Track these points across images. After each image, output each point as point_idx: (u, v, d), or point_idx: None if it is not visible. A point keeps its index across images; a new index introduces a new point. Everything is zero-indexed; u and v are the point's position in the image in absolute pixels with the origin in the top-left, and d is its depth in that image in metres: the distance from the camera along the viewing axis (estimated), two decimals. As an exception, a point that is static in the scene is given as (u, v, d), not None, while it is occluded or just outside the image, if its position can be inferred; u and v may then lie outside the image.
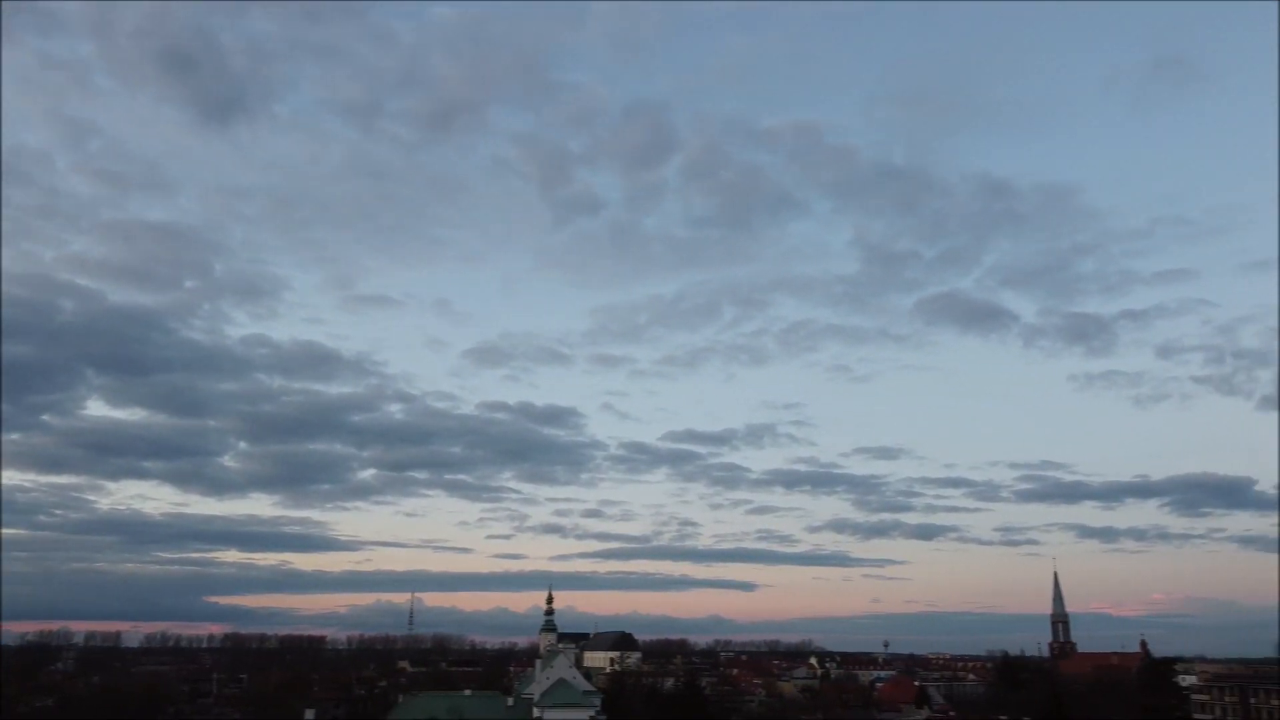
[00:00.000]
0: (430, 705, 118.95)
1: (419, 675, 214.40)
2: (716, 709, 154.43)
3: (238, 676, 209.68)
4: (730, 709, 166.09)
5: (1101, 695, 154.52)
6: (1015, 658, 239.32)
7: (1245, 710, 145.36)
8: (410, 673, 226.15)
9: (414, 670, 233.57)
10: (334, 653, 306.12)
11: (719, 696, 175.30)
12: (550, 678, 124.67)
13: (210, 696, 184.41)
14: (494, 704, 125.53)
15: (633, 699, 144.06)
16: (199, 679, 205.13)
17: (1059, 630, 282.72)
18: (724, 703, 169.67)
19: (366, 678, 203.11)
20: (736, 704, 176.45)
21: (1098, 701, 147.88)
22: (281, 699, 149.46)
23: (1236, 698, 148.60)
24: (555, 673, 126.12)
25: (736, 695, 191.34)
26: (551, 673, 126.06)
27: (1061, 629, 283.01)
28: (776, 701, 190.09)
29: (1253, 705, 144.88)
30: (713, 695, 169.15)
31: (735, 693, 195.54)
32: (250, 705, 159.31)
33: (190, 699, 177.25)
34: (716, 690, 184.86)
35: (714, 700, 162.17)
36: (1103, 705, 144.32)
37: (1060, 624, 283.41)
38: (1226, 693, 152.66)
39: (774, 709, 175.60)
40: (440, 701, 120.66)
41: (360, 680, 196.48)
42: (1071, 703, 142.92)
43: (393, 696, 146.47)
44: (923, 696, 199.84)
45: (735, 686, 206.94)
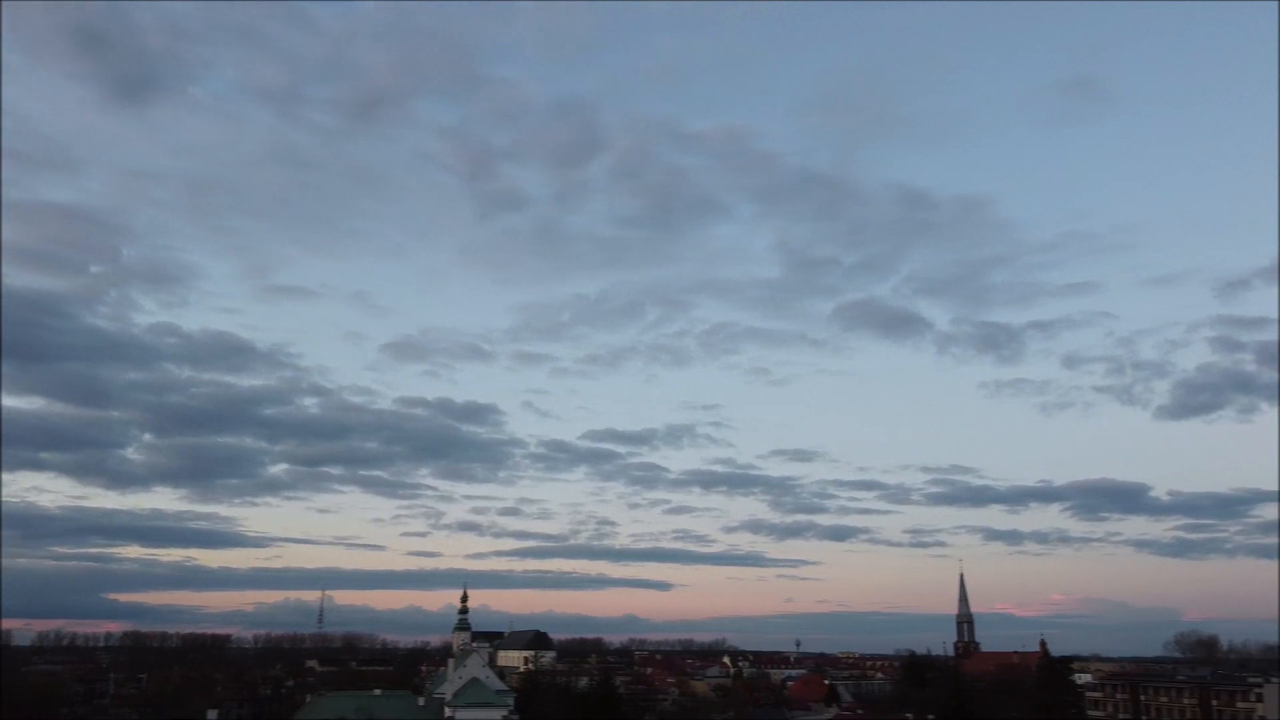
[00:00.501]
0: (339, 705, 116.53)
1: (328, 675, 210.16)
2: (630, 708, 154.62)
3: (137, 676, 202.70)
4: (644, 708, 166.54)
5: (1002, 693, 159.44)
6: (921, 657, 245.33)
7: (1135, 707, 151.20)
8: (319, 672, 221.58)
9: (323, 669, 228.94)
10: (239, 652, 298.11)
11: (633, 696, 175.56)
12: (463, 677, 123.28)
13: (107, 697, 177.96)
14: (405, 704, 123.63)
15: (546, 698, 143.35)
16: (95, 679, 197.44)
17: (964, 630, 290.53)
18: (637, 701, 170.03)
19: (272, 677, 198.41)
20: (650, 703, 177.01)
21: (998, 699, 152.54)
22: (182, 699, 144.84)
23: (1128, 695, 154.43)
24: (468, 672, 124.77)
25: (650, 694, 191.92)
26: (464, 672, 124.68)
27: (966, 629, 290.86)
28: (689, 700, 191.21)
29: (1143, 702, 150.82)
30: (626, 694, 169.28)
31: (649, 691, 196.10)
32: (149, 706, 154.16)
33: (86, 699, 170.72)
34: (630, 689, 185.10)
35: (628, 699, 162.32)
36: (1003, 703, 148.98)
37: (965, 624, 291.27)
38: (1119, 690, 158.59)
39: (686, 708, 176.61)
40: (349, 701, 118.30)
41: (266, 680, 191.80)
42: (974, 701, 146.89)
43: (300, 696, 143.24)
44: (832, 695, 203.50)
45: (649, 685, 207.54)
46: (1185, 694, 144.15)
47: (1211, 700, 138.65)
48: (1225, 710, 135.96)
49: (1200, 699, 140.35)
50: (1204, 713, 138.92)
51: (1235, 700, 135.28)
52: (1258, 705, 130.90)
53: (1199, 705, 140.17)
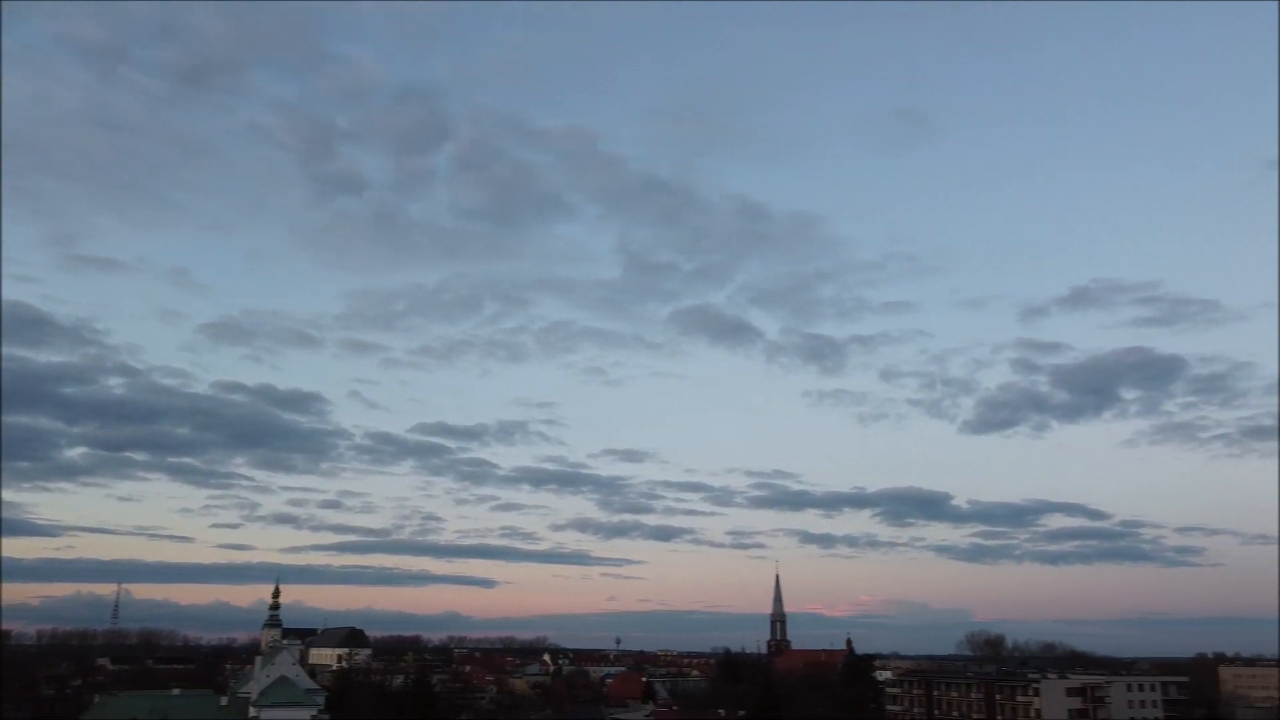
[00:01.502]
0: (131, 705, 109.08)
1: (121, 673, 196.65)
2: (446, 706, 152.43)
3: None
4: (460, 706, 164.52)
5: (810, 690, 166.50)
6: (736, 655, 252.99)
7: (929, 702, 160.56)
8: (110, 671, 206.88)
9: (115, 668, 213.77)
10: (20, 649, 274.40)
11: (450, 694, 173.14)
12: (270, 675, 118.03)
13: None
14: (205, 704, 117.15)
15: (360, 697, 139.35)
16: None
17: (777, 629, 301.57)
18: (454, 700, 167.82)
19: (57, 676, 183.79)
20: (467, 701, 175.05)
21: (806, 695, 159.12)
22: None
23: (923, 691, 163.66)
24: (276, 670, 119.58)
25: (468, 692, 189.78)
26: (272, 670, 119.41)
27: (779, 628, 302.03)
28: (507, 698, 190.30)
29: (935, 697, 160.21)
30: (443, 693, 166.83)
31: (467, 690, 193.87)
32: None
33: None
34: (448, 688, 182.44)
35: (444, 698, 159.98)
36: (810, 699, 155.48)
37: (778, 623, 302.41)
38: (914, 686, 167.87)
39: (504, 706, 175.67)
40: (143, 701, 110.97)
41: (50, 679, 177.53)
42: (784, 697, 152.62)
43: (87, 696, 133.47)
44: (649, 692, 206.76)
45: (467, 684, 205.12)
46: (973, 689, 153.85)
47: (995, 695, 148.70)
48: (1007, 704, 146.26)
49: (986, 694, 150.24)
50: (989, 707, 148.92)
51: (1016, 695, 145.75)
52: (1035, 699, 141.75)
53: (984, 700, 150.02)
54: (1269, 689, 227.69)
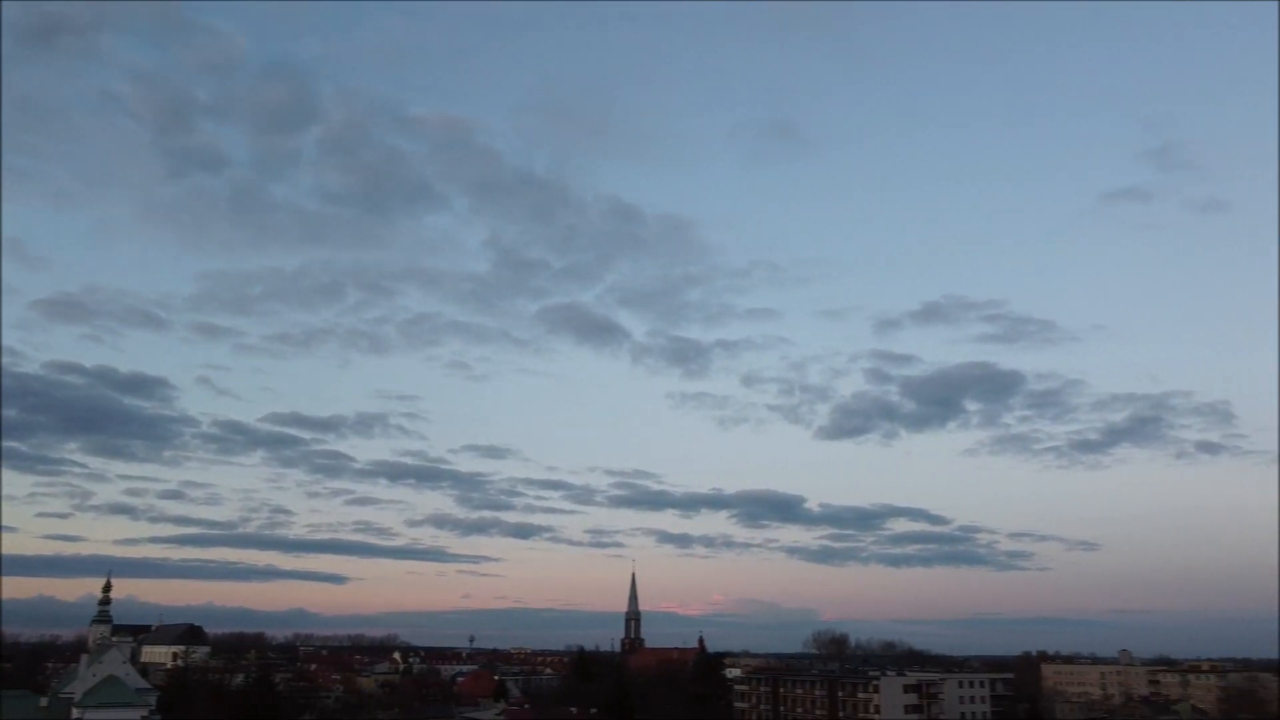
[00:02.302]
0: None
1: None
2: (289, 706, 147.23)
3: None
4: (304, 706, 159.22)
5: (662, 687, 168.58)
6: (590, 653, 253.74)
7: (775, 699, 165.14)
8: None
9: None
10: None
11: (293, 693, 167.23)
12: (98, 674, 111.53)
13: None
14: (22, 704, 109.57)
15: (196, 697, 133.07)
16: None
17: (631, 627, 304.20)
18: (297, 700, 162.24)
19: None
20: (311, 700, 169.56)
21: (658, 693, 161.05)
22: None
23: (770, 688, 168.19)
24: (104, 669, 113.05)
25: (312, 692, 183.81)
26: (100, 669, 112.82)
27: (634, 626, 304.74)
28: (354, 697, 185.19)
29: (781, 694, 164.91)
30: (286, 692, 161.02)
31: (311, 689, 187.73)
32: None
33: None
34: (291, 687, 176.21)
35: (287, 697, 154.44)
36: (662, 696, 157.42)
37: (633, 621, 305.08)
38: (762, 684, 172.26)
39: (350, 705, 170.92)
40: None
41: None
42: (636, 693, 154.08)
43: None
44: (501, 690, 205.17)
45: (312, 683, 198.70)
46: (817, 687, 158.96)
47: (838, 692, 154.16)
48: (849, 701, 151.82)
49: (829, 691, 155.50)
50: (831, 704, 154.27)
51: (857, 692, 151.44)
52: (875, 696, 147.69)
53: (828, 697, 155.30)
54: (1084, 685, 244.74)
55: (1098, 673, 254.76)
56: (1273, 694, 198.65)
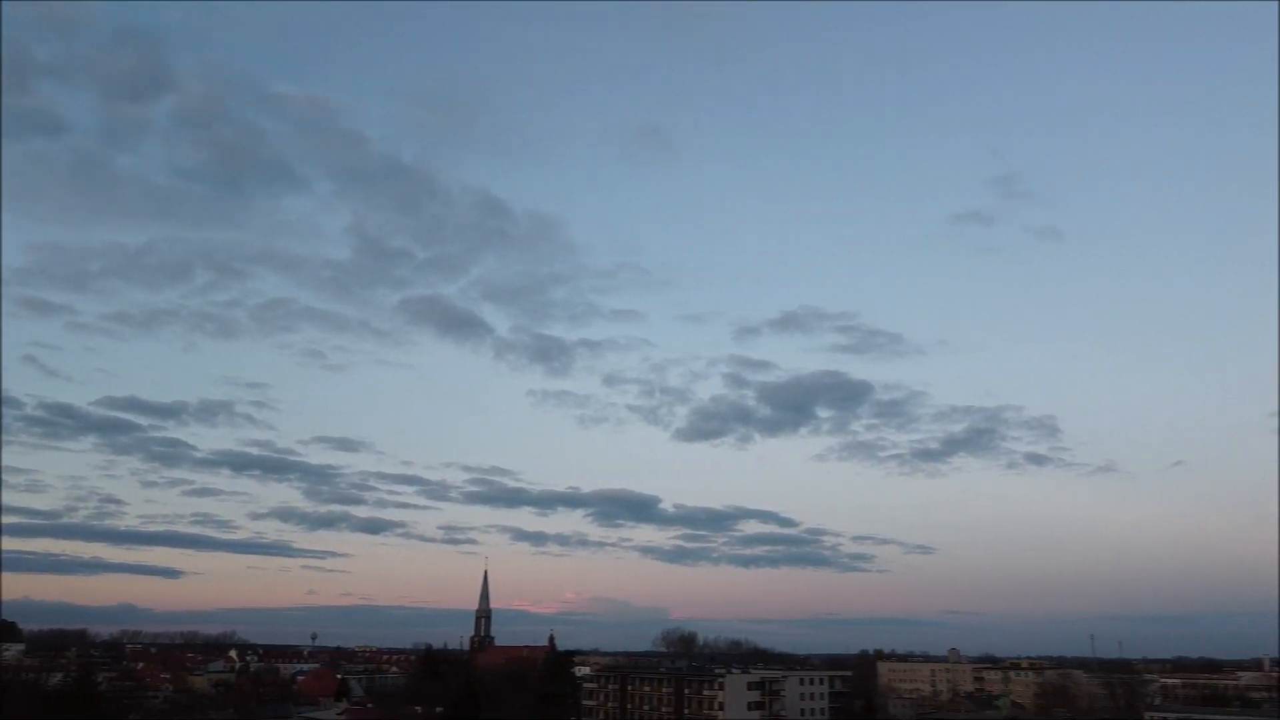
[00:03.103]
0: None
1: None
2: (112, 707, 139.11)
3: None
4: (129, 706, 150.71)
5: (511, 684, 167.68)
6: (438, 651, 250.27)
7: (623, 696, 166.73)
8: None
9: None
10: None
11: (117, 693, 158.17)
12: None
13: None
14: None
15: (8, 698, 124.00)
16: None
17: (481, 625, 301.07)
18: (122, 700, 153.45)
19: None
20: (137, 701, 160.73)
21: (507, 691, 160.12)
22: None
23: (618, 686, 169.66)
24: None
25: (139, 691, 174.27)
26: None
27: (484, 624, 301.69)
28: (184, 697, 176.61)
29: (630, 692, 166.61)
30: (110, 692, 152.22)
31: (138, 689, 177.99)
32: None
33: None
34: (115, 686, 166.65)
35: (110, 697, 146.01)
36: (511, 694, 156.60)
37: (483, 619, 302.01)
38: (610, 681, 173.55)
39: (180, 705, 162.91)
40: None
41: None
42: (484, 692, 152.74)
43: None
44: (344, 689, 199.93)
45: (139, 682, 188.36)
46: (664, 684, 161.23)
47: (684, 690, 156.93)
48: (694, 698, 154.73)
49: (676, 689, 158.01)
50: (678, 701, 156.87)
51: (703, 689, 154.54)
52: (719, 693, 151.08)
53: (674, 694, 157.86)
54: (916, 682, 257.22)
55: (928, 670, 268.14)
56: (1083, 689, 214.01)
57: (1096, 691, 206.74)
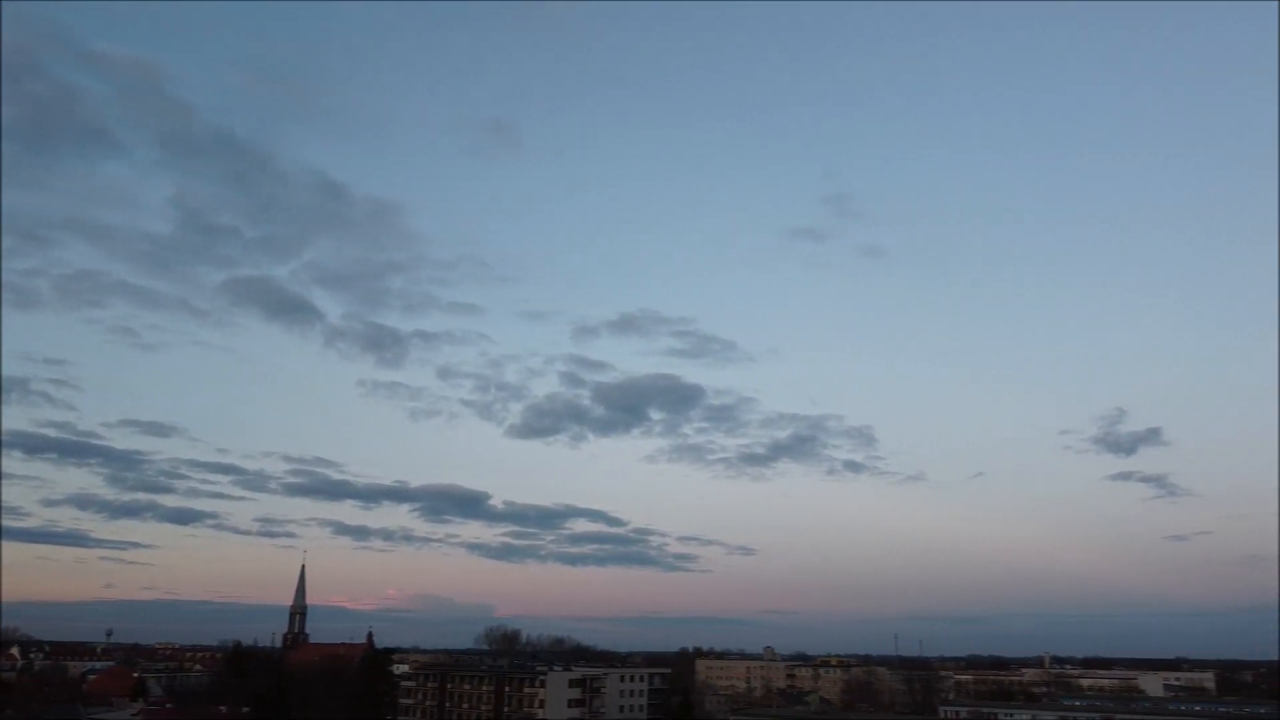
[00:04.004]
0: None
1: None
2: None
3: None
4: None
5: (325, 683, 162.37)
6: (247, 648, 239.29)
7: (442, 695, 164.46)
8: None
9: None
10: None
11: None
12: None
13: None
14: None
15: None
16: None
17: (296, 621, 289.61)
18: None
19: None
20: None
21: (321, 689, 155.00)
22: None
23: (437, 684, 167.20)
24: None
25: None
26: None
27: (299, 620, 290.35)
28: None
29: (450, 690, 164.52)
30: None
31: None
32: None
33: None
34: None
35: None
36: (325, 693, 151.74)
37: (298, 615, 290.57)
38: (429, 680, 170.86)
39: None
40: None
41: None
42: (296, 691, 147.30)
43: None
44: (140, 688, 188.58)
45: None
46: (485, 682, 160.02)
47: (505, 687, 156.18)
48: (515, 695, 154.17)
49: (497, 686, 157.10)
50: (498, 698, 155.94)
51: (524, 687, 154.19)
52: (541, 690, 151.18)
53: (495, 692, 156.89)
54: (732, 679, 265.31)
55: (744, 667, 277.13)
56: (885, 686, 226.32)
57: (898, 688, 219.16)
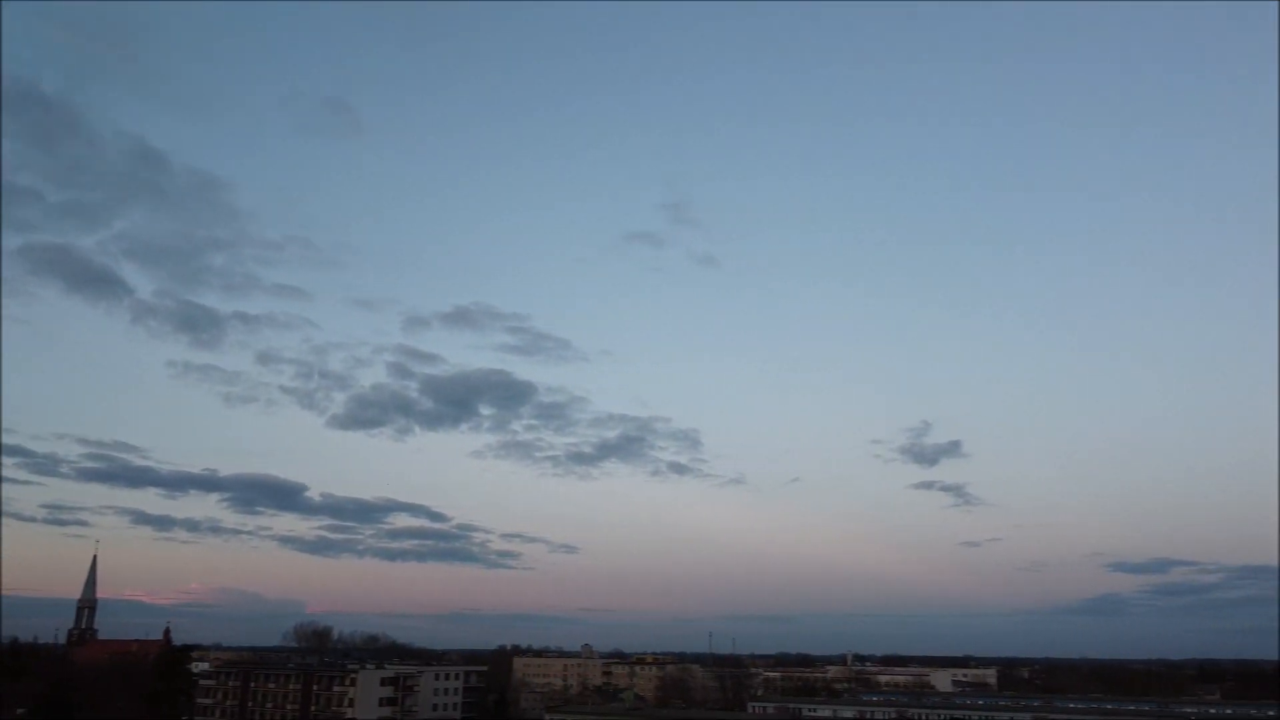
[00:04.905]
0: None
1: None
2: None
3: None
4: None
5: (115, 682, 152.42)
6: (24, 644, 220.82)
7: (245, 694, 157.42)
8: None
9: None
10: None
11: None
12: None
13: None
14: None
15: None
16: None
17: (84, 616, 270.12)
18: None
19: None
20: None
21: (110, 688, 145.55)
22: None
23: (240, 683, 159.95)
24: None
25: None
26: None
27: (87, 615, 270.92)
28: None
29: (253, 689, 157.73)
30: None
31: None
32: None
33: None
34: None
35: None
36: (114, 692, 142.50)
37: (87, 609, 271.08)
38: (231, 678, 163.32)
39: None
40: None
41: None
42: (83, 690, 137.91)
43: None
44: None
45: None
46: (292, 681, 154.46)
47: (314, 686, 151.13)
48: (324, 694, 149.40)
49: (305, 685, 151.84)
50: (305, 697, 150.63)
51: (333, 685, 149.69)
52: (351, 689, 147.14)
53: (302, 691, 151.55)
54: (549, 676, 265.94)
55: (562, 665, 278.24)
56: (698, 682, 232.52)
57: (710, 685, 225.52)
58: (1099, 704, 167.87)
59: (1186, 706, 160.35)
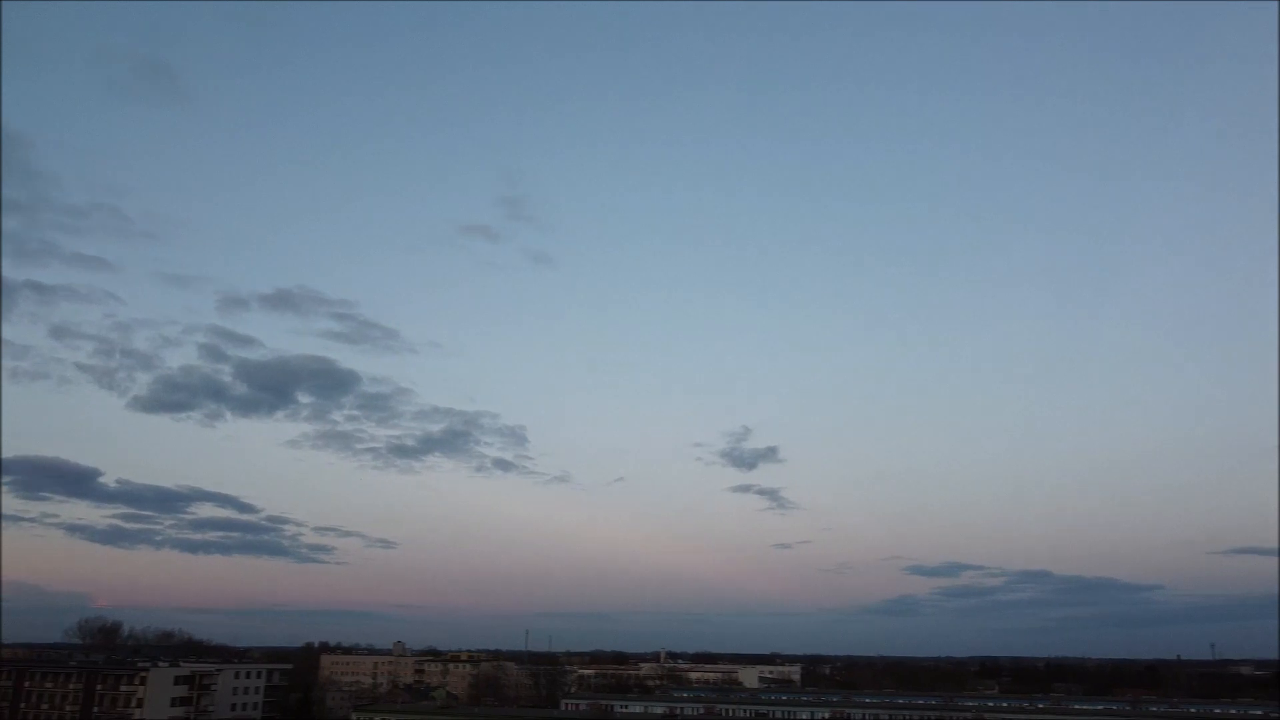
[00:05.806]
0: None
1: None
2: None
3: None
4: None
5: None
6: None
7: (17, 694, 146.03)
8: None
9: None
10: None
11: None
12: None
13: None
14: None
15: None
16: None
17: None
18: None
19: None
20: None
21: None
22: None
23: (12, 682, 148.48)
24: None
25: None
26: None
27: None
28: None
29: (28, 689, 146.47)
30: None
31: None
32: None
33: None
34: None
35: None
36: None
37: None
38: (2, 677, 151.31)
39: None
40: None
41: None
42: None
43: None
44: None
45: None
46: (72, 680, 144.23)
47: (97, 685, 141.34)
48: (109, 694, 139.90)
49: (87, 684, 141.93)
50: (87, 698, 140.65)
51: (120, 684, 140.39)
52: (140, 688, 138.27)
53: (84, 691, 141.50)
54: (358, 675, 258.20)
55: (371, 663, 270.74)
56: (512, 679, 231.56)
57: (524, 682, 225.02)
58: (890, 699, 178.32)
59: (968, 700, 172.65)
